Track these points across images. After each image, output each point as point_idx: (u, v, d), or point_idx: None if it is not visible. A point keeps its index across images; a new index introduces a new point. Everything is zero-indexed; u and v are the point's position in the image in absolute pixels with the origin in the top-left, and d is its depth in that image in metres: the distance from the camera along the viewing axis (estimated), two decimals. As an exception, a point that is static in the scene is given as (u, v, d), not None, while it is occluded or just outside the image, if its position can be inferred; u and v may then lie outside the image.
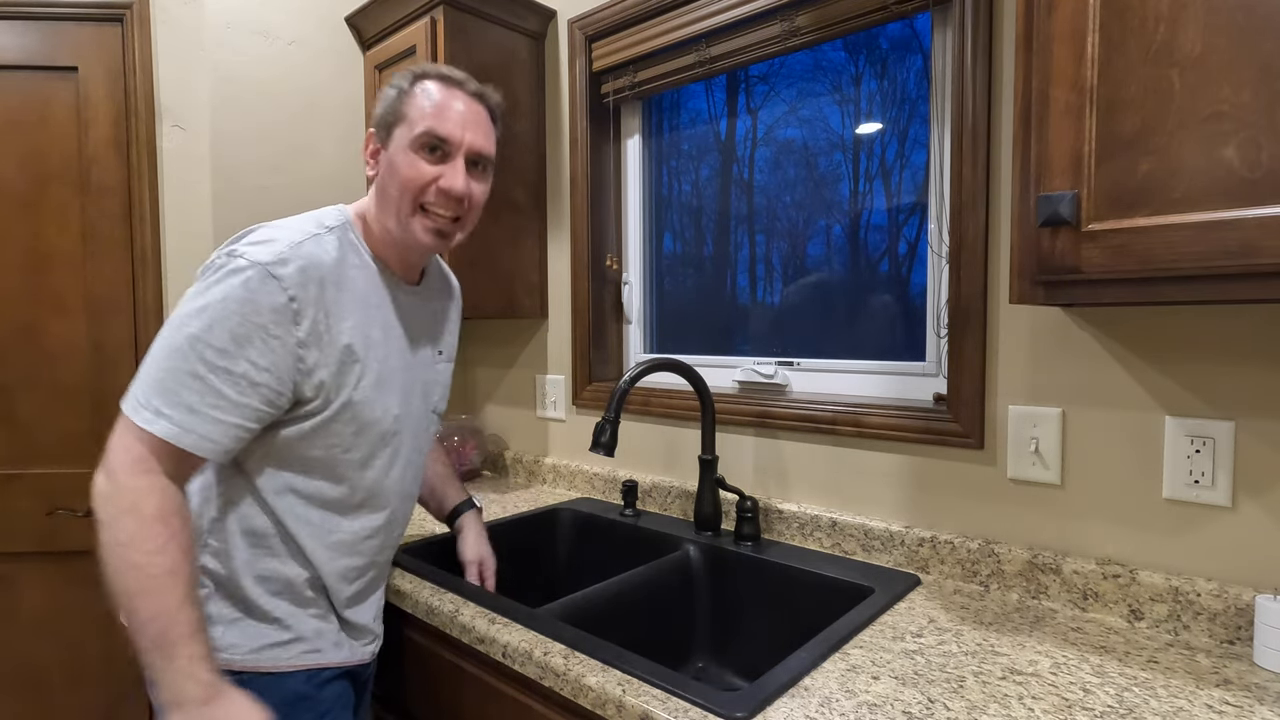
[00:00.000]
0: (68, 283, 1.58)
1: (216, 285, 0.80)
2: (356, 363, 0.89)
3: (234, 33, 1.60)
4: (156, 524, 0.77)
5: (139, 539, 0.77)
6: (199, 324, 0.79)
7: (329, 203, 1.59)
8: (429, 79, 0.92)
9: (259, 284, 0.80)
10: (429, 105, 0.90)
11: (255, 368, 0.80)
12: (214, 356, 0.79)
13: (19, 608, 1.61)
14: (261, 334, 0.80)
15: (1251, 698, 0.76)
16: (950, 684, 0.79)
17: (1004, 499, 1.08)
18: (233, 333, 0.79)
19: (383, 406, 0.93)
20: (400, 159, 0.90)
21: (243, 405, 0.81)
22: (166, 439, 0.78)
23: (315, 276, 0.84)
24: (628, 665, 0.82)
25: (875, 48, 1.33)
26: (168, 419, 0.78)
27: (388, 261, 0.96)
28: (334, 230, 0.90)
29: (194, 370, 0.78)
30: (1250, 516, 0.89)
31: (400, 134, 0.90)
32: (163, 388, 0.79)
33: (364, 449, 0.93)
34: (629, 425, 1.58)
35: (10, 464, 1.59)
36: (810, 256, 1.45)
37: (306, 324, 0.83)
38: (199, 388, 0.79)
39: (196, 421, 0.79)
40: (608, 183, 1.69)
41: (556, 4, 1.69)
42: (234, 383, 0.80)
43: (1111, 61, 0.70)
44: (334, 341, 0.86)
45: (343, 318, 0.87)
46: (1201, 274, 0.67)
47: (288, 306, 0.82)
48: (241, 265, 0.81)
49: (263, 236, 0.85)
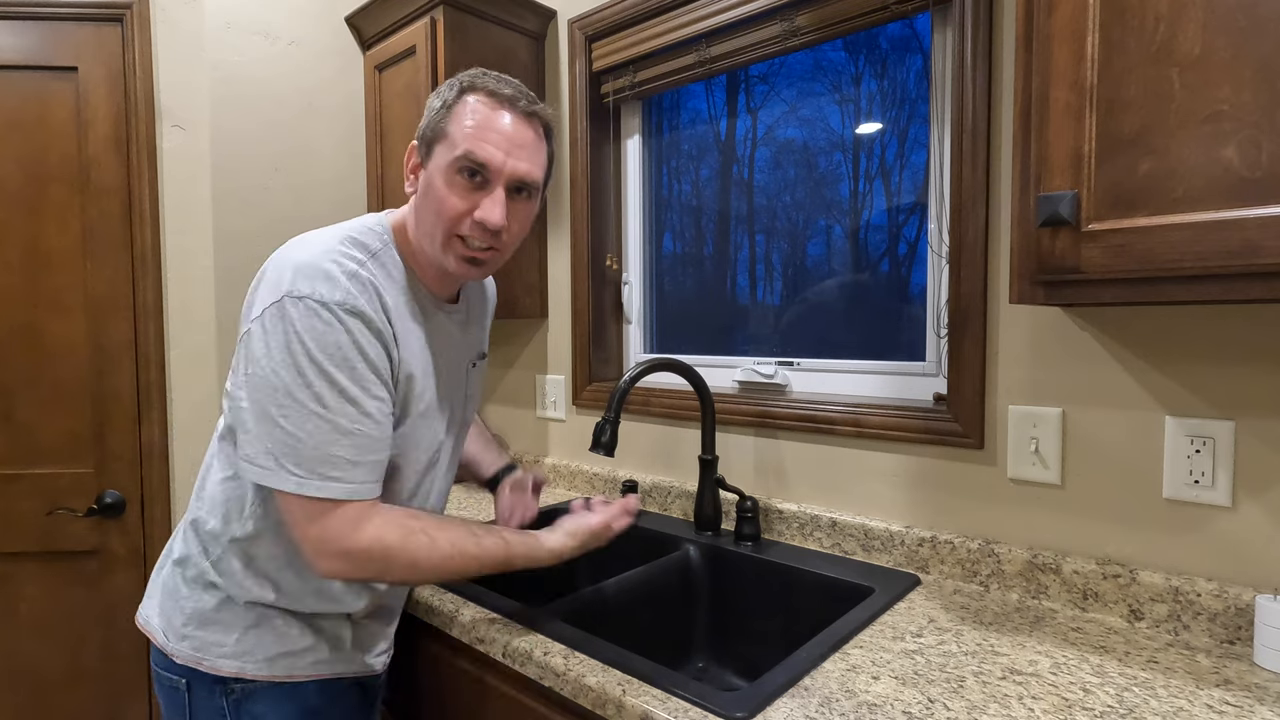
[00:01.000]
0: (68, 283, 1.58)
1: (308, 335, 0.76)
2: (415, 390, 0.88)
3: (234, 33, 1.61)
4: (410, 540, 0.82)
5: (416, 558, 0.83)
6: (317, 378, 0.77)
7: (329, 203, 1.59)
8: (476, 92, 0.84)
9: (349, 322, 0.78)
10: (472, 124, 0.82)
11: (381, 401, 0.82)
12: (351, 409, 0.78)
13: (19, 608, 1.61)
14: (372, 369, 0.80)
15: (1251, 698, 0.76)
16: (950, 684, 0.79)
17: (1004, 499, 1.08)
18: (352, 378, 0.78)
19: (432, 432, 0.92)
20: (438, 182, 0.83)
21: (384, 439, 0.83)
22: (344, 498, 0.79)
23: (380, 306, 0.82)
24: (628, 665, 0.82)
25: (875, 48, 1.33)
26: (337, 481, 0.78)
27: (428, 282, 0.92)
28: (376, 255, 0.85)
29: (339, 426, 0.78)
30: (1250, 516, 0.89)
31: (440, 153, 0.83)
32: (319, 453, 0.77)
33: (408, 471, 0.91)
34: (629, 425, 1.58)
35: (10, 464, 1.59)
36: (810, 256, 1.45)
37: (391, 351, 0.83)
38: (351, 442, 0.78)
39: (361, 473, 0.80)
40: (608, 183, 1.69)
41: (556, 4, 1.69)
42: (375, 424, 0.81)
43: (1111, 61, 0.70)
44: (401, 368, 0.85)
45: (402, 345, 0.86)
46: (1202, 274, 0.67)
47: (379, 340, 0.81)
48: (316, 308, 0.77)
49: (313, 271, 0.78)
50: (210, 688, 0.87)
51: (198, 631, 0.87)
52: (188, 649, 0.86)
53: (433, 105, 0.87)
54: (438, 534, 0.83)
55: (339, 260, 0.81)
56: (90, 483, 1.60)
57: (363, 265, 0.82)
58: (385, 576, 0.84)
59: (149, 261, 1.58)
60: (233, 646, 0.86)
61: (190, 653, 0.86)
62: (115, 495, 1.59)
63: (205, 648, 0.86)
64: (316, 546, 0.79)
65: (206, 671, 0.86)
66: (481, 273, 0.90)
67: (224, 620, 0.86)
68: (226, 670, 0.86)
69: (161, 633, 0.89)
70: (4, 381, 1.57)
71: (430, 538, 0.83)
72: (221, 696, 0.87)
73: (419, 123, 0.89)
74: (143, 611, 0.94)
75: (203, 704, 0.87)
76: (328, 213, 1.73)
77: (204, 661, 0.86)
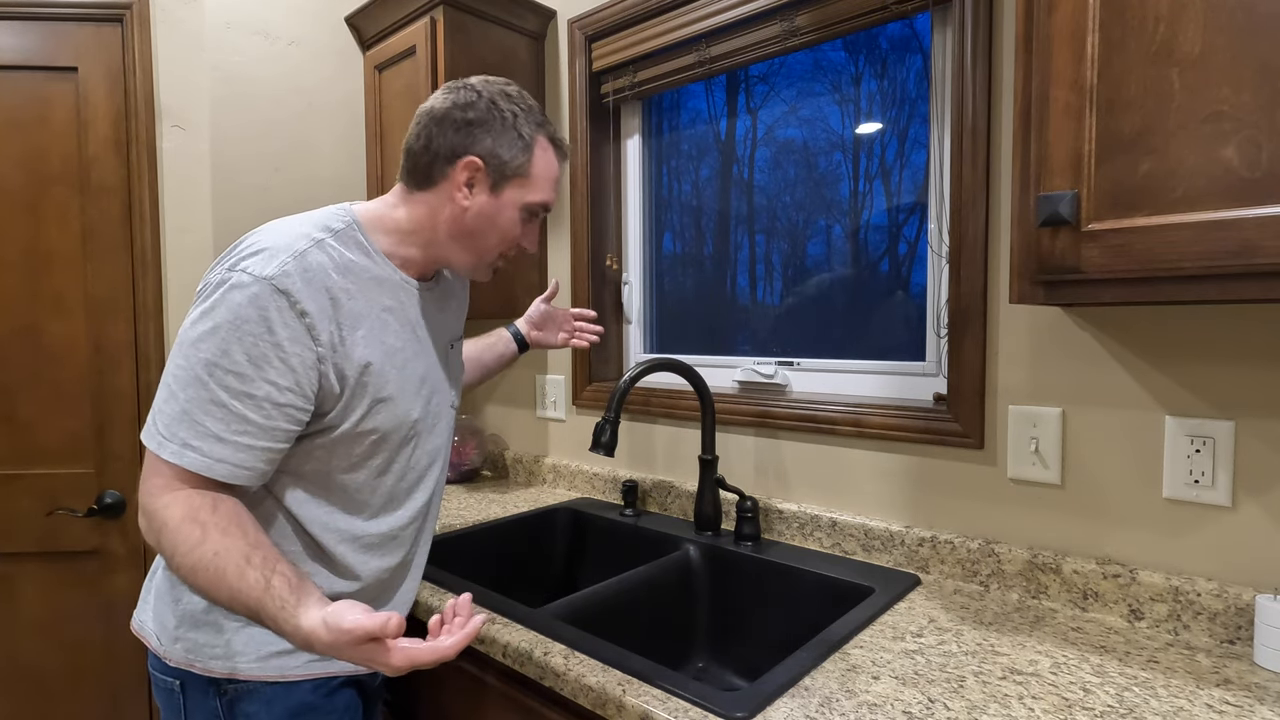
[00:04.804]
0: (68, 283, 1.58)
1: (222, 305, 0.77)
2: (374, 374, 0.86)
3: (234, 33, 1.61)
4: (185, 524, 0.75)
5: (178, 545, 0.75)
6: (212, 348, 0.76)
7: (328, 202, 1.59)
8: (554, 144, 0.93)
9: (268, 300, 0.77)
10: (549, 175, 0.92)
11: (277, 388, 0.78)
12: (234, 381, 0.76)
13: (19, 608, 1.61)
14: (278, 353, 0.77)
15: (1252, 697, 0.76)
16: (950, 684, 0.79)
17: (1004, 499, 1.08)
18: (249, 354, 0.76)
19: (403, 413, 0.91)
20: (508, 215, 0.91)
21: (270, 428, 0.78)
22: (198, 472, 0.76)
23: (323, 286, 0.81)
24: (628, 665, 0.82)
25: (875, 48, 1.33)
26: (196, 450, 0.76)
27: (405, 262, 0.92)
28: (338, 234, 0.86)
29: (215, 398, 0.76)
30: (1250, 516, 0.89)
31: (517, 190, 0.90)
32: (186, 419, 0.76)
33: (382, 457, 0.90)
34: (629, 425, 1.58)
35: (10, 464, 1.59)
36: (810, 256, 1.45)
37: (324, 337, 0.80)
38: (223, 415, 0.76)
39: (226, 451, 0.77)
40: (608, 183, 1.69)
41: (556, 4, 1.69)
42: (257, 406, 0.77)
43: (1111, 61, 0.70)
44: (349, 353, 0.83)
45: (355, 328, 0.84)
46: (1202, 274, 0.67)
47: (300, 322, 0.79)
48: (245, 281, 0.77)
49: (260, 246, 0.81)
50: (204, 689, 0.87)
51: (190, 633, 0.86)
52: (180, 651, 0.86)
53: (510, 135, 0.89)
54: (217, 539, 0.74)
55: (293, 240, 0.82)
56: (90, 483, 1.60)
57: (320, 243, 0.83)
58: (158, 551, 0.77)
59: (149, 261, 1.58)
60: (224, 647, 0.86)
61: (183, 655, 0.86)
62: (115, 495, 1.59)
63: (197, 649, 0.86)
64: (140, 493, 0.78)
65: (199, 673, 0.86)
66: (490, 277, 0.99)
67: (215, 621, 0.86)
68: (219, 671, 0.86)
69: (155, 636, 0.89)
70: (4, 381, 1.57)
71: (203, 538, 0.74)
72: (215, 697, 0.87)
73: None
74: (137, 616, 0.94)
75: (197, 705, 0.87)
76: (328, 213, 1.73)
77: (196, 663, 0.86)
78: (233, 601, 0.73)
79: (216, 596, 0.74)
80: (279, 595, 0.72)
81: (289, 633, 0.71)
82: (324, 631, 0.69)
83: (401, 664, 0.70)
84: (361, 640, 0.68)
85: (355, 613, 0.69)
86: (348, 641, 0.68)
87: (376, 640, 0.69)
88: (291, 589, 0.73)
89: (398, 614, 0.70)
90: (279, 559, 0.75)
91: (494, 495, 1.67)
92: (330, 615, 0.69)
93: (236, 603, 0.73)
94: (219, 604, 0.75)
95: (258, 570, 0.73)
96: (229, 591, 0.73)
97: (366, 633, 0.67)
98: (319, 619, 0.70)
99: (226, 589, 0.73)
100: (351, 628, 0.67)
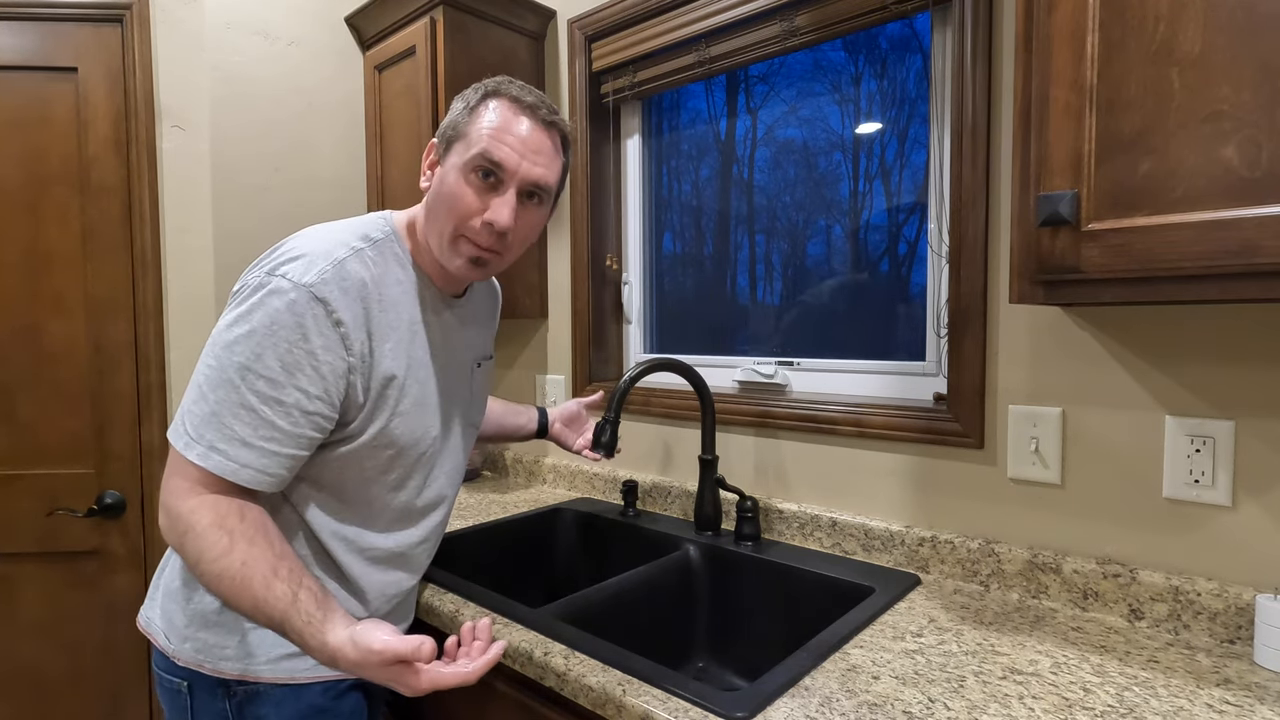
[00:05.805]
0: (68, 283, 1.58)
1: (259, 309, 0.76)
2: (397, 387, 0.86)
3: (234, 33, 1.61)
4: (212, 531, 0.75)
5: (204, 552, 0.74)
6: (246, 352, 0.76)
7: (328, 203, 1.59)
8: (499, 97, 0.86)
9: (305, 307, 0.76)
10: (490, 127, 0.83)
11: (307, 396, 0.77)
12: (265, 387, 0.76)
13: (19, 608, 1.61)
14: (311, 360, 0.77)
15: (1252, 697, 0.76)
16: (950, 684, 0.79)
17: (1004, 499, 1.08)
18: (282, 360, 0.76)
19: (422, 428, 0.90)
20: (451, 178, 0.84)
21: (296, 435, 0.78)
22: (223, 475, 0.76)
23: (359, 296, 0.81)
24: (628, 665, 0.82)
25: (875, 48, 1.33)
26: (222, 454, 0.76)
27: (433, 276, 0.92)
28: (377, 244, 0.86)
29: (245, 401, 0.76)
30: (1250, 516, 0.89)
31: (457, 151, 0.85)
32: (215, 421, 0.76)
33: (399, 471, 0.90)
34: (629, 425, 1.58)
35: (10, 464, 1.59)
36: (810, 256, 1.45)
37: (356, 348, 0.80)
38: (251, 420, 0.76)
39: (251, 455, 0.76)
40: (607, 183, 1.69)
41: (556, 4, 1.69)
42: (286, 413, 0.77)
43: (1111, 61, 0.70)
44: (377, 365, 0.83)
45: (384, 339, 0.84)
46: (1202, 274, 0.67)
47: (335, 331, 0.78)
48: (285, 287, 0.76)
49: (300, 252, 0.80)
50: (213, 690, 0.86)
51: (200, 634, 0.86)
52: (190, 651, 0.86)
53: (455, 107, 0.88)
54: (244, 549, 0.74)
55: (332, 248, 0.81)
56: (90, 483, 1.60)
57: (358, 253, 0.83)
58: (180, 553, 0.78)
59: (149, 261, 1.58)
60: (235, 649, 0.85)
61: (192, 655, 0.86)
62: (115, 496, 1.59)
63: (207, 650, 0.86)
64: (162, 491, 0.78)
65: (209, 674, 0.86)
66: (483, 273, 0.90)
67: (226, 622, 0.86)
68: (229, 673, 0.85)
69: (163, 635, 0.89)
70: (4, 381, 1.57)
71: (230, 546, 0.74)
72: (224, 699, 0.86)
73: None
74: (144, 613, 0.94)
75: (205, 706, 0.87)
76: (327, 212, 1.73)
77: (206, 664, 0.86)
78: (255, 611, 0.74)
79: (239, 604, 0.74)
80: (305, 610, 0.73)
81: (314, 648, 0.72)
82: (351, 649, 0.70)
83: (427, 687, 0.71)
84: (390, 662, 0.69)
85: (384, 633, 0.70)
86: (377, 662, 0.69)
87: (405, 663, 0.70)
88: (318, 604, 0.74)
89: (430, 639, 0.70)
90: (304, 572, 0.77)
91: (494, 495, 1.67)
92: (359, 634, 0.71)
93: (259, 613, 0.73)
94: (240, 611, 0.75)
95: (284, 583, 0.74)
96: (253, 601, 0.73)
97: (396, 655, 0.69)
98: (346, 636, 0.71)
99: (250, 598, 0.73)
100: (381, 649, 0.69)
